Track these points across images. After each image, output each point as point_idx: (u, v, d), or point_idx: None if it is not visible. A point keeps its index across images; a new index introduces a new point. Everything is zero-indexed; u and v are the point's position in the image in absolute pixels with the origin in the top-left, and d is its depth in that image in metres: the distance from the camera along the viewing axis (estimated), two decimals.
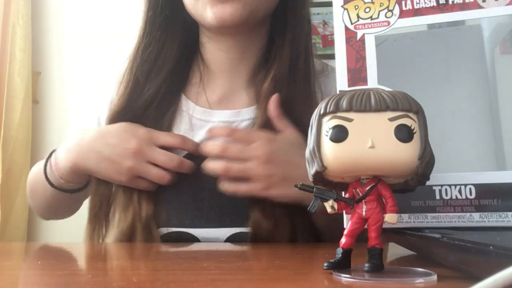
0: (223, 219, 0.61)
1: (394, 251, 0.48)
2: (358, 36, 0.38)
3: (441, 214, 0.36)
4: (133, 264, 0.45)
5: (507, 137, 0.45)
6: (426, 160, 0.30)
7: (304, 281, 0.33)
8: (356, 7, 0.39)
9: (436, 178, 0.36)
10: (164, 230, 0.61)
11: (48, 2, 2.00)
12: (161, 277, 0.38)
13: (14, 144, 1.79)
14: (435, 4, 0.38)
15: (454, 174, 0.36)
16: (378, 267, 0.31)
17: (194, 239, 0.61)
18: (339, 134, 0.30)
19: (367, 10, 0.39)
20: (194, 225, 0.61)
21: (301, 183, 0.33)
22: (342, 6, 0.39)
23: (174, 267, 0.41)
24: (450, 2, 0.37)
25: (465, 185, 0.36)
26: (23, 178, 1.78)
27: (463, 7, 0.37)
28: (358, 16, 0.39)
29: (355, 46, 0.38)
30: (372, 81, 0.38)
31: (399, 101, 0.30)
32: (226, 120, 0.65)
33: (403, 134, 0.30)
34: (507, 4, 0.36)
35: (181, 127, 0.65)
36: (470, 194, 0.36)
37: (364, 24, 0.39)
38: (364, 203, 0.31)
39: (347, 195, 0.32)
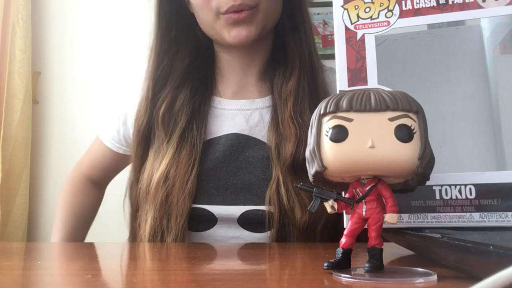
0: (238, 197, 0.67)
1: (394, 251, 0.48)
2: (358, 36, 0.38)
3: (441, 214, 0.36)
4: (133, 264, 0.45)
5: (507, 137, 0.44)
6: (426, 160, 0.30)
7: (304, 281, 0.33)
8: (356, 7, 0.39)
9: (436, 178, 0.36)
10: None
11: (48, 2, 2.00)
12: (161, 277, 0.38)
13: (14, 144, 1.79)
14: (435, 4, 0.38)
15: (454, 174, 0.36)
16: (378, 267, 0.31)
17: (210, 215, 0.66)
18: (339, 134, 0.30)
19: (367, 10, 0.38)
20: (210, 202, 0.66)
21: (301, 183, 0.33)
22: (342, 6, 0.39)
23: (174, 267, 0.41)
24: (450, 2, 0.37)
25: (465, 185, 0.36)
26: (23, 178, 1.78)
27: (463, 7, 0.37)
28: (358, 16, 0.39)
29: (355, 46, 0.38)
30: (372, 81, 0.38)
31: (399, 101, 0.30)
32: (242, 108, 0.72)
33: (403, 134, 0.29)
34: (507, 4, 0.36)
35: (208, 117, 0.72)
36: (470, 194, 0.35)
37: (364, 24, 0.38)
38: (364, 203, 0.31)
39: (347, 195, 0.32)
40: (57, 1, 2.00)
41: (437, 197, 0.36)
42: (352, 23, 0.39)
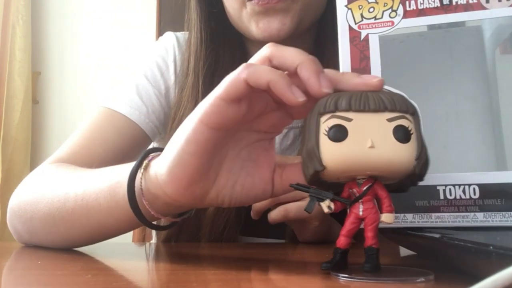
0: (257, 229, 0.60)
1: (394, 251, 0.48)
2: (362, 36, 0.38)
3: (445, 214, 0.36)
4: (133, 264, 0.45)
5: (508, 138, 0.45)
6: (423, 160, 0.30)
7: (302, 281, 0.33)
8: (360, 7, 0.39)
9: (440, 178, 0.36)
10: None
11: (48, 2, 2.00)
12: (161, 277, 0.37)
13: (14, 144, 1.79)
14: (438, 5, 0.38)
15: (458, 174, 0.36)
16: (375, 267, 0.31)
17: None
18: (339, 134, 0.30)
19: (371, 10, 0.38)
20: (240, 232, 0.60)
21: (296, 183, 0.33)
22: (346, 6, 0.39)
23: (174, 267, 0.41)
24: (453, 3, 0.37)
25: (469, 185, 0.36)
26: (23, 178, 1.77)
27: (466, 7, 0.37)
28: (362, 16, 0.39)
29: (359, 46, 0.38)
30: None
31: (396, 102, 0.30)
32: None
33: (401, 134, 0.30)
34: (511, 6, 0.36)
35: None
36: (474, 194, 0.35)
37: (368, 24, 0.38)
38: (361, 203, 0.31)
39: (343, 195, 0.32)
40: (57, 1, 2.00)
41: (441, 197, 0.36)
42: (356, 23, 0.39)
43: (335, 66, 0.43)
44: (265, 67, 0.33)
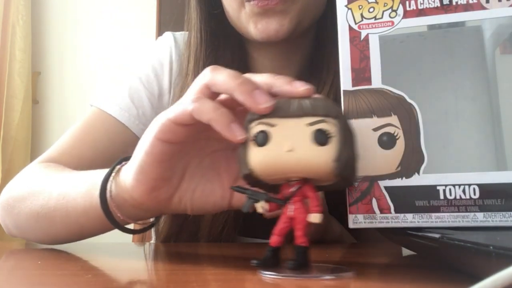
0: (256, 230, 0.60)
1: (396, 251, 0.48)
2: (362, 36, 0.39)
3: (445, 214, 0.36)
4: (133, 264, 0.45)
5: (508, 138, 0.45)
6: (343, 162, 0.31)
7: (301, 281, 0.33)
8: (360, 7, 0.39)
9: (440, 178, 0.36)
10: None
11: (48, 2, 2.00)
12: (161, 277, 0.38)
13: (14, 144, 1.79)
14: (438, 5, 0.38)
15: (458, 174, 0.36)
16: (301, 265, 0.32)
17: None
18: (262, 139, 0.32)
19: (371, 10, 0.39)
20: (240, 233, 0.60)
21: (236, 185, 0.35)
22: (346, 6, 0.39)
23: (174, 267, 0.41)
24: (453, 3, 0.38)
25: (469, 185, 0.36)
26: None
27: (466, 7, 0.37)
28: (362, 16, 0.39)
29: (359, 46, 0.38)
30: (376, 81, 0.38)
31: (318, 107, 0.32)
32: None
33: (320, 138, 0.31)
34: (511, 6, 0.36)
35: None
36: (474, 194, 0.36)
37: (368, 24, 0.39)
38: (291, 203, 0.33)
39: (279, 197, 0.34)
40: (57, 1, 2.00)
41: (441, 197, 0.36)
42: (356, 23, 0.39)
43: (335, 66, 0.44)
44: (209, 105, 0.35)
